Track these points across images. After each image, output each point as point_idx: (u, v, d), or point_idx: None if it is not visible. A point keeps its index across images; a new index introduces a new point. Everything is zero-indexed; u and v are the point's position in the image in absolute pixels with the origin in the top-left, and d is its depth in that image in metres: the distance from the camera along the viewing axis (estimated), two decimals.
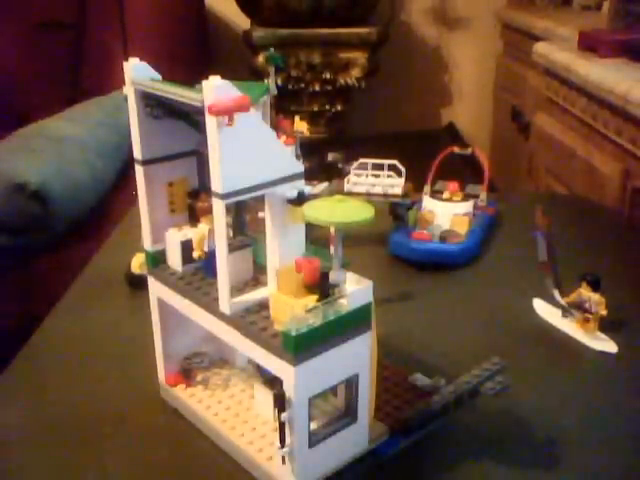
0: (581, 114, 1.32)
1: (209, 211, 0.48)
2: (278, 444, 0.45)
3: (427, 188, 0.95)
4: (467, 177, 1.00)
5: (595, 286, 0.68)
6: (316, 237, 0.54)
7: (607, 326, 0.69)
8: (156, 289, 0.57)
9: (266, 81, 0.68)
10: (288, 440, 0.45)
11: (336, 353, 0.45)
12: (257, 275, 0.54)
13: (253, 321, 0.47)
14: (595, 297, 0.68)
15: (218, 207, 0.46)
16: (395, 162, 0.87)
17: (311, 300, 0.45)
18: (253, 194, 0.46)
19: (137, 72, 0.51)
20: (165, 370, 0.59)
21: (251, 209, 0.55)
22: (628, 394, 0.62)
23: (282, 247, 0.48)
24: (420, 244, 0.84)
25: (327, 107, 1.94)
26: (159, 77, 0.51)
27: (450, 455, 0.53)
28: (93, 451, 0.55)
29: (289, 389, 0.44)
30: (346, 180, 0.87)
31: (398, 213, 0.88)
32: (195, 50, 1.95)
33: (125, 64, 0.51)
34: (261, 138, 0.46)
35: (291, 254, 0.48)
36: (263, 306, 0.49)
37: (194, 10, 1.98)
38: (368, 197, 0.85)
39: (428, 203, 0.91)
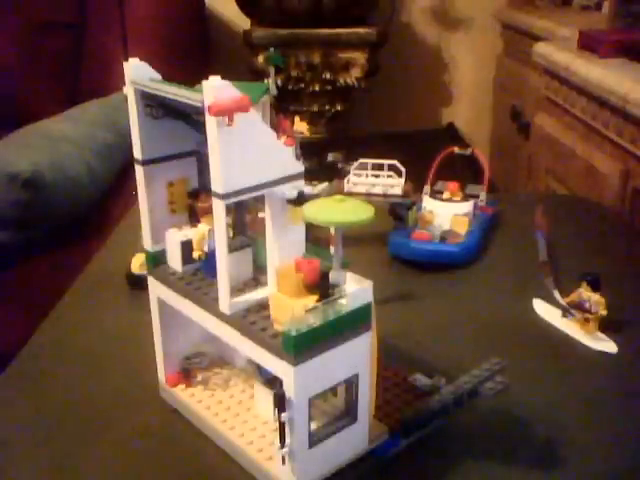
0: (581, 114, 1.32)
1: (209, 211, 0.48)
2: (278, 444, 0.45)
3: (427, 188, 0.95)
4: (467, 177, 1.00)
5: (595, 286, 0.68)
6: (316, 237, 0.54)
7: (607, 326, 0.69)
8: (156, 289, 0.57)
9: (266, 81, 0.68)
10: (288, 440, 0.45)
11: (336, 353, 0.45)
12: (257, 275, 0.54)
13: (253, 321, 0.47)
14: (595, 297, 0.68)
15: (218, 207, 0.46)
16: (395, 162, 0.87)
17: (311, 300, 0.45)
18: (253, 194, 0.46)
19: (137, 72, 0.51)
20: (165, 370, 0.59)
21: (251, 209, 0.55)
22: (628, 394, 0.62)
23: (282, 247, 0.48)
24: (420, 244, 0.84)
25: (327, 107, 1.94)
26: (159, 77, 0.51)
27: (450, 455, 0.53)
28: (93, 451, 0.55)
29: (289, 389, 0.44)
30: (346, 180, 0.87)
31: (398, 213, 0.87)
32: (195, 50, 1.95)
33: (125, 64, 0.51)
34: (261, 138, 0.46)
35: (291, 254, 0.48)
36: (263, 306, 0.49)
37: (194, 10, 1.98)
38: (368, 197, 0.85)
39: (428, 203, 0.91)
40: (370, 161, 0.87)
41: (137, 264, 0.78)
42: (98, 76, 1.75)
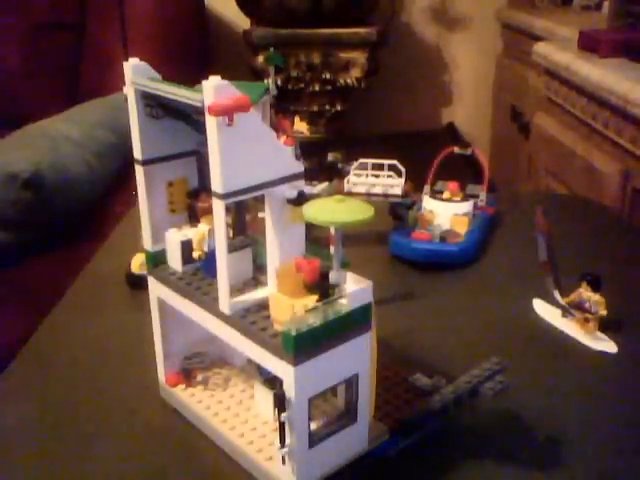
0: (581, 114, 1.32)
1: (209, 211, 0.48)
2: (278, 444, 0.45)
3: (427, 188, 0.95)
4: (467, 177, 1.00)
5: (595, 286, 0.68)
6: (316, 237, 0.54)
7: (607, 326, 0.69)
8: (156, 289, 0.57)
9: (266, 81, 0.68)
10: (288, 440, 0.45)
11: (336, 353, 0.45)
12: (257, 275, 0.54)
13: (253, 321, 0.47)
14: (595, 297, 0.68)
15: (218, 207, 0.46)
16: (395, 162, 0.87)
17: (311, 300, 0.45)
18: (253, 194, 0.46)
19: (137, 72, 0.51)
20: (165, 370, 0.59)
21: (251, 209, 0.55)
22: (628, 394, 0.62)
23: (282, 247, 0.48)
24: (420, 244, 0.84)
25: (327, 107, 1.94)
26: (159, 77, 0.51)
27: (450, 455, 0.53)
28: (93, 451, 0.55)
29: (289, 389, 0.44)
30: (346, 180, 0.87)
31: (398, 213, 0.88)
32: (195, 50, 1.95)
33: (125, 64, 0.51)
34: (261, 138, 0.46)
35: (291, 254, 0.48)
36: (263, 306, 0.49)
37: (194, 10, 1.98)
38: (368, 197, 0.85)
39: (428, 203, 0.91)
40: (370, 161, 0.87)
41: (137, 264, 0.78)
42: (98, 76, 1.75)
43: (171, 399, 0.59)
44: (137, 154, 0.53)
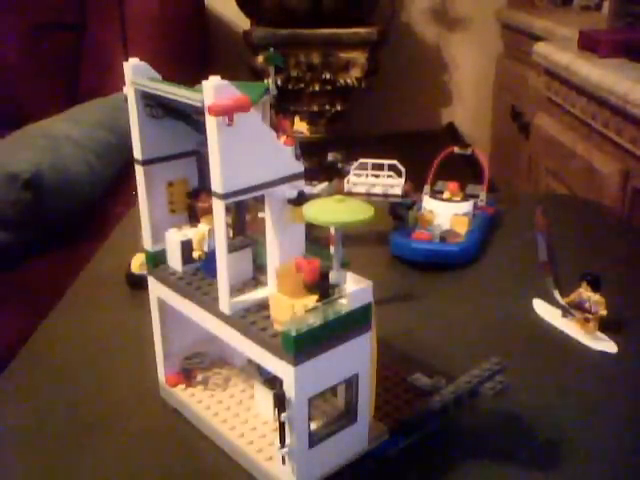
0: (581, 114, 1.32)
1: (209, 211, 0.48)
2: (278, 444, 0.45)
3: (427, 188, 0.95)
4: (467, 177, 1.00)
5: (595, 286, 0.68)
6: (316, 237, 0.54)
7: (607, 326, 0.69)
8: (156, 289, 0.57)
9: (266, 81, 0.68)
10: (288, 440, 0.45)
11: (336, 353, 0.45)
12: (257, 275, 0.54)
13: (253, 321, 0.47)
14: (595, 297, 0.68)
15: (218, 207, 0.46)
16: (395, 162, 0.87)
17: (311, 300, 0.45)
18: (253, 194, 0.46)
19: (137, 72, 0.51)
20: (165, 370, 0.59)
21: (251, 209, 0.55)
22: (628, 394, 0.62)
23: (282, 247, 0.48)
24: (420, 244, 0.84)
25: (327, 107, 1.94)
26: (159, 77, 0.52)
27: (450, 455, 0.53)
28: (93, 451, 0.55)
29: (289, 389, 0.44)
30: (346, 180, 0.87)
31: (398, 213, 0.88)
32: (195, 50, 1.95)
33: (125, 64, 0.51)
34: (261, 138, 0.46)
35: (291, 254, 0.48)
36: (263, 306, 0.49)
37: (194, 10, 1.98)
38: (368, 197, 0.85)
39: (428, 203, 0.91)
40: (370, 161, 0.87)
41: (137, 264, 0.78)
42: (98, 76, 1.76)
43: (171, 399, 0.59)
44: (137, 154, 0.53)
